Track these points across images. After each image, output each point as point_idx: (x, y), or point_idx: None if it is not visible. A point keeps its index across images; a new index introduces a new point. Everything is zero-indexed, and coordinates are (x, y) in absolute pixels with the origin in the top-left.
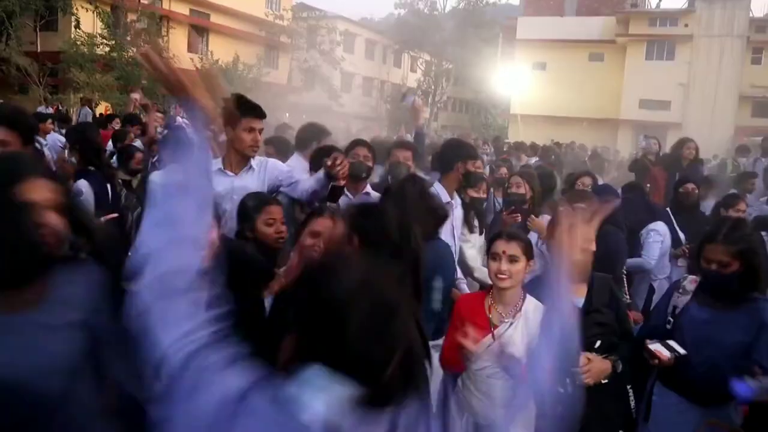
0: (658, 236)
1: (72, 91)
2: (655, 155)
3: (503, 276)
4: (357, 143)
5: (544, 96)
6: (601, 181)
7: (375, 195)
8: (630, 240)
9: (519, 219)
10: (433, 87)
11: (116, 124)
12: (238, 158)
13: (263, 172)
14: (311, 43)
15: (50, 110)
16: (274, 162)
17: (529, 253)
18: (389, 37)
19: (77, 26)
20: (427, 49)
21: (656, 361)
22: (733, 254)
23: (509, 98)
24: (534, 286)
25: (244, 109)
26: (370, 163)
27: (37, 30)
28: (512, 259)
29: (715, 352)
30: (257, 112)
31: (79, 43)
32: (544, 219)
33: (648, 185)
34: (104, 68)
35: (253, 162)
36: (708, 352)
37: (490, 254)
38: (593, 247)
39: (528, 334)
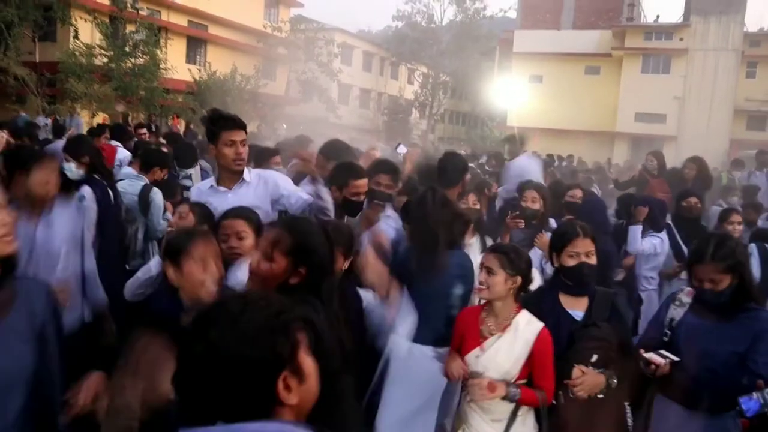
0: (660, 242)
1: (70, 101)
2: (658, 170)
3: (480, 287)
4: (379, 169)
5: (540, 109)
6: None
7: (395, 216)
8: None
9: (522, 225)
10: (430, 99)
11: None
12: (228, 174)
13: (262, 185)
14: (309, 55)
15: (48, 120)
16: (276, 175)
17: (512, 266)
18: (387, 49)
19: (76, 37)
20: (425, 62)
21: (652, 367)
22: (722, 270)
23: (506, 111)
24: (528, 301)
25: (220, 122)
26: (391, 191)
27: (36, 40)
28: (489, 271)
29: (713, 363)
30: (234, 124)
31: (77, 53)
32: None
33: None
34: (102, 79)
35: (248, 176)
36: (706, 363)
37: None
38: (594, 261)
39: (516, 348)
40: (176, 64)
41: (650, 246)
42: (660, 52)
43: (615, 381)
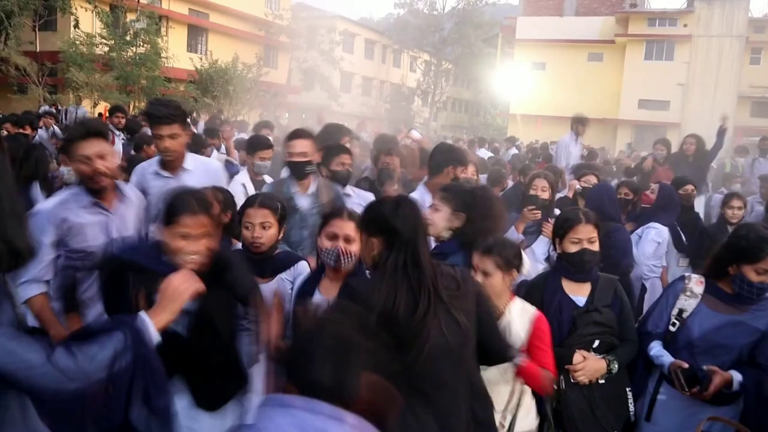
0: (657, 235)
1: (71, 90)
2: (664, 159)
3: None
4: (342, 149)
5: (543, 96)
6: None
7: (360, 193)
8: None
9: (539, 216)
10: (432, 87)
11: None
12: (168, 161)
13: (203, 173)
14: (310, 43)
15: (53, 110)
16: (216, 165)
17: (507, 264)
18: (389, 37)
19: (76, 26)
20: (427, 49)
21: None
22: None
23: (509, 98)
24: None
25: (149, 117)
26: (350, 169)
27: (36, 30)
28: (485, 274)
29: (728, 356)
30: (157, 119)
31: (78, 42)
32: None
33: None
34: (103, 68)
35: (189, 164)
36: (720, 356)
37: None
38: (596, 247)
39: (511, 336)
40: (177, 52)
41: (652, 244)
42: (663, 38)
43: (616, 366)
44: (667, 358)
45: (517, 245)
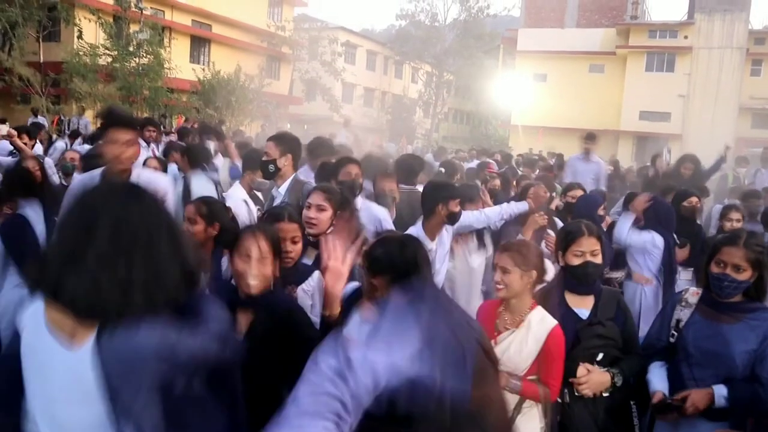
0: (651, 238)
1: (74, 101)
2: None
3: (498, 286)
4: (348, 160)
5: (544, 107)
6: None
7: (369, 206)
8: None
9: (546, 221)
10: (434, 98)
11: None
12: (114, 173)
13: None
14: (312, 54)
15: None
16: (151, 174)
17: (526, 262)
18: (390, 48)
19: (80, 37)
20: (428, 61)
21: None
22: (750, 261)
23: (510, 109)
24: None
25: (108, 120)
26: (360, 180)
27: (40, 40)
28: (504, 270)
29: (722, 366)
30: (118, 122)
31: (81, 53)
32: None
33: None
34: (106, 78)
35: (136, 177)
36: (714, 366)
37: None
38: (599, 260)
39: (527, 345)
40: (180, 63)
41: (640, 241)
42: (664, 50)
43: (620, 380)
44: (656, 386)
45: (538, 247)
